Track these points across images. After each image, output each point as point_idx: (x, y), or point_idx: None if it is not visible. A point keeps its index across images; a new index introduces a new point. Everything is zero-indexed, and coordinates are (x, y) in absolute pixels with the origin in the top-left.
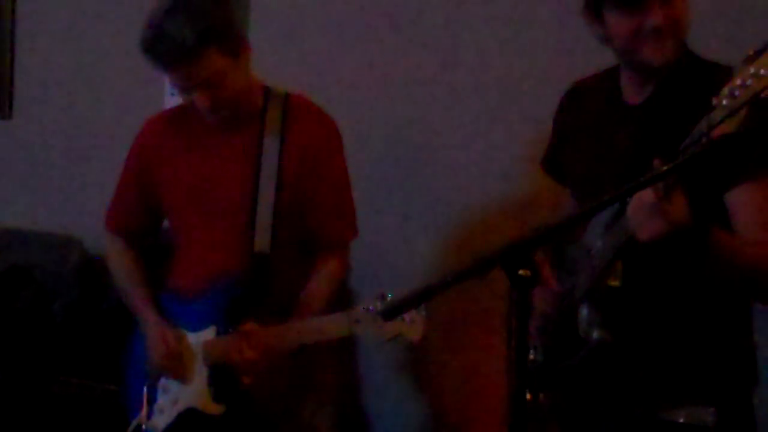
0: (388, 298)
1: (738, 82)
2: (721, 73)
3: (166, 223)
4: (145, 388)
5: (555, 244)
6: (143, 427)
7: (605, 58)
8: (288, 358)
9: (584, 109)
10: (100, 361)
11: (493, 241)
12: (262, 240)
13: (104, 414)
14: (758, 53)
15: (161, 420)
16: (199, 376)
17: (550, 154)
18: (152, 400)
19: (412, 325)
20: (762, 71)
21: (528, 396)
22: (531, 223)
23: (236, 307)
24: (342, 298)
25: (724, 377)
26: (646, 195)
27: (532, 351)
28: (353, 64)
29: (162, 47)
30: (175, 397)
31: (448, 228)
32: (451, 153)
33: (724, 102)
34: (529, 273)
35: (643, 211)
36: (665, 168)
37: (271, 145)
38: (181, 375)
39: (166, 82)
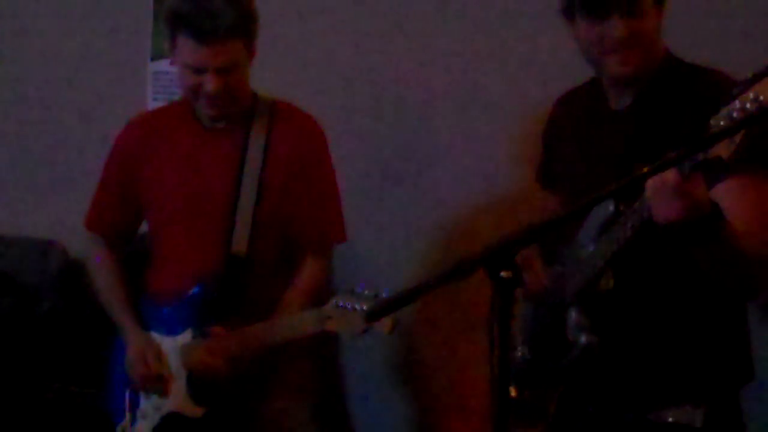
0: (357, 293)
1: (737, 105)
2: (703, 76)
3: (144, 228)
4: (127, 394)
5: (547, 240)
6: None
7: None
8: (265, 358)
9: (572, 118)
10: (83, 366)
11: (481, 243)
12: (239, 242)
13: (87, 419)
14: (757, 77)
15: (145, 425)
16: (179, 379)
17: (543, 168)
18: (135, 405)
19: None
20: (761, 97)
21: (514, 392)
22: (518, 225)
23: (211, 309)
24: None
25: (714, 376)
26: (669, 175)
27: (519, 347)
28: (346, 66)
29: (203, 18)
30: (157, 402)
31: (435, 231)
32: (440, 156)
33: (722, 123)
34: (511, 274)
35: (664, 192)
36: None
37: (255, 150)
38: (161, 391)
39: (149, 86)
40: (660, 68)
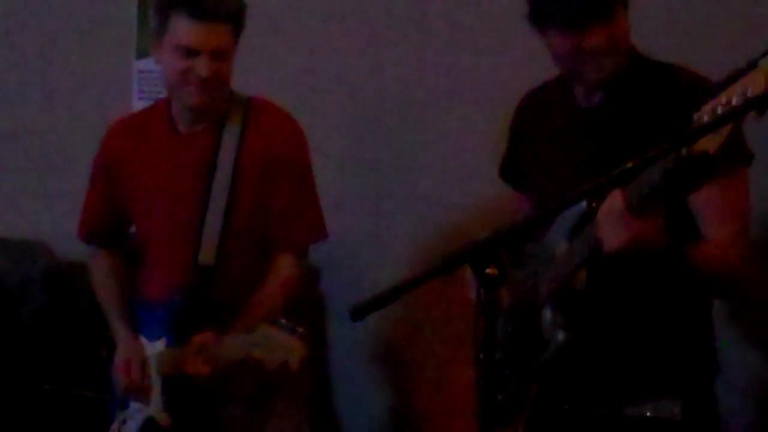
0: (279, 323)
1: (723, 100)
2: (671, 73)
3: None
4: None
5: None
6: None
7: None
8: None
9: (540, 116)
10: (69, 368)
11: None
12: (207, 252)
13: (74, 421)
14: (743, 71)
15: (132, 426)
16: (156, 386)
17: (507, 162)
18: (126, 406)
19: (293, 351)
20: (749, 91)
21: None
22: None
23: (182, 320)
24: (312, 299)
25: (689, 370)
26: (617, 201)
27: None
28: (328, 61)
29: None
30: (140, 405)
31: (422, 229)
32: (426, 153)
33: (706, 118)
34: (496, 271)
35: (610, 219)
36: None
37: (226, 155)
38: (142, 400)
39: (134, 85)
40: (628, 67)
